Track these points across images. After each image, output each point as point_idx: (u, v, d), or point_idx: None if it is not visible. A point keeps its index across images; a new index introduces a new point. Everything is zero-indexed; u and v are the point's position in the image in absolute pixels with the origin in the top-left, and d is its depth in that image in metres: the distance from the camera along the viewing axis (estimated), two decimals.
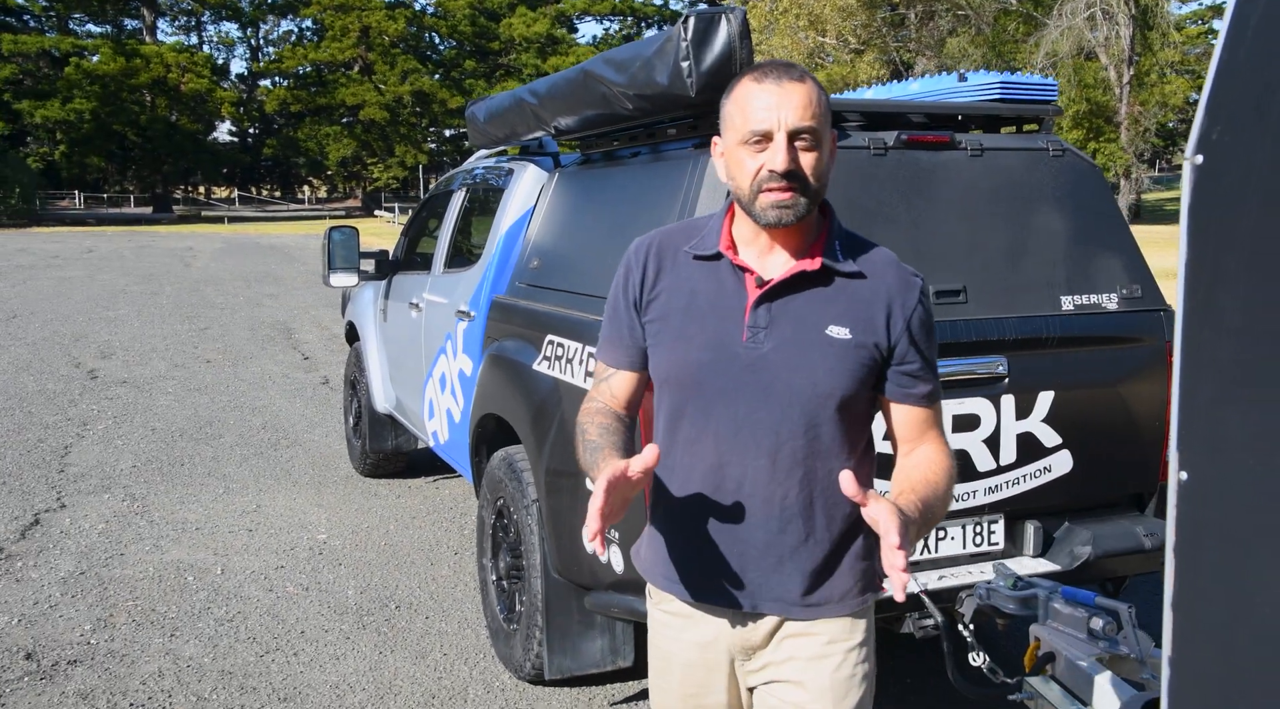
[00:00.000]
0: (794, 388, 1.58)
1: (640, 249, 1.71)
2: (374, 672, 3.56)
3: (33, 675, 3.49)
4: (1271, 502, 1.10)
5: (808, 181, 1.53)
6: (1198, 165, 1.16)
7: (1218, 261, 1.14)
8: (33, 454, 6.35)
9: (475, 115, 4.35)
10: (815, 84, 1.55)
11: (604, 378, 1.76)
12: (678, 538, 1.69)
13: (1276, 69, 1.07)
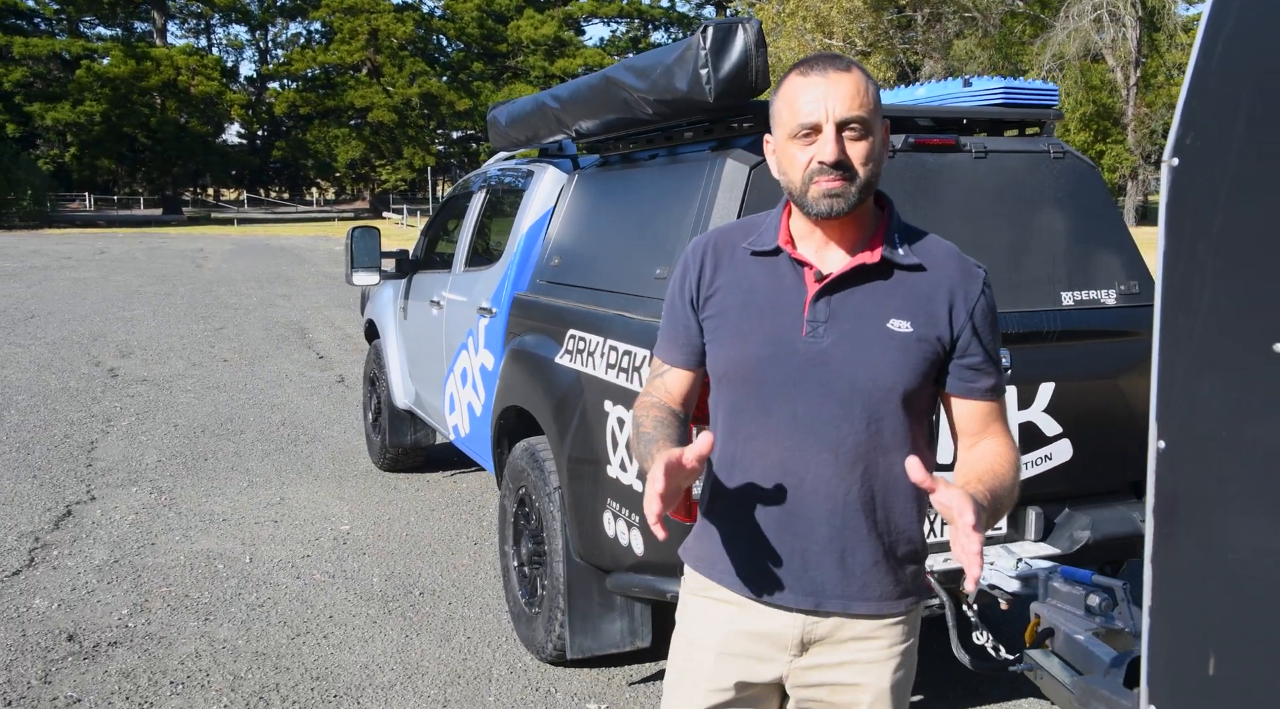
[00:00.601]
0: (855, 382, 1.57)
1: (698, 247, 1.72)
2: (401, 653, 3.71)
3: (76, 655, 3.64)
4: (1238, 465, 1.24)
5: (857, 171, 1.53)
6: (1174, 167, 1.30)
7: (1192, 253, 1.28)
8: (60, 449, 6.51)
9: (497, 119, 4.50)
10: (863, 73, 1.55)
11: (660, 374, 1.76)
12: (738, 533, 1.66)
13: (1241, 83, 1.21)
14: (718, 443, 1.66)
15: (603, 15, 59.50)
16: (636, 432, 1.67)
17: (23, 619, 3.94)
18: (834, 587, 1.61)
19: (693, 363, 1.72)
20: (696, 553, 1.75)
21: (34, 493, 5.56)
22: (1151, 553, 1.34)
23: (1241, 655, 1.23)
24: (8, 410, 7.59)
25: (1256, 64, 1.19)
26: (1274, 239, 1.18)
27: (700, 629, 1.72)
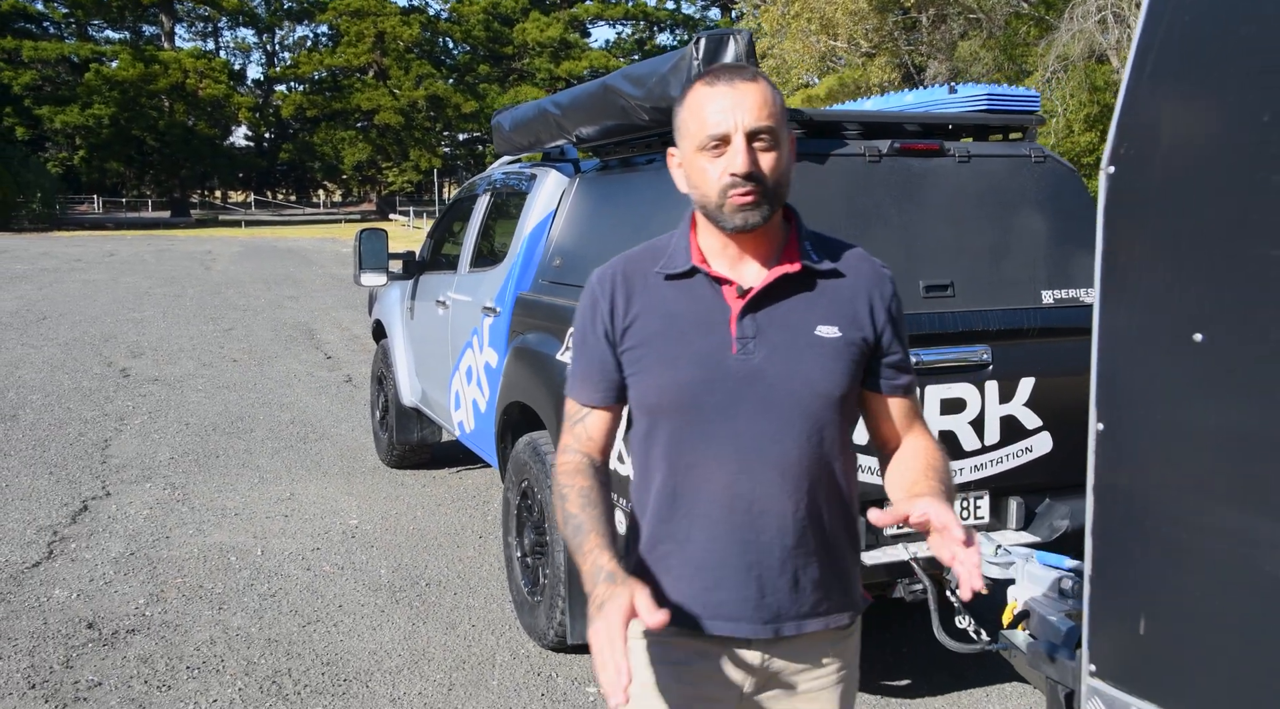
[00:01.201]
0: (793, 393, 1.55)
1: (604, 278, 1.65)
2: (408, 641, 3.84)
3: (95, 642, 3.79)
4: (1165, 446, 1.37)
5: (768, 183, 1.50)
6: (1110, 175, 1.43)
7: (1126, 251, 1.41)
8: (75, 447, 6.66)
9: (501, 124, 4.64)
10: (769, 84, 1.52)
11: (579, 419, 1.67)
12: (688, 568, 1.59)
13: (1165, 102, 1.34)
14: (653, 477, 1.61)
15: (608, 17, 59.64)
16: (562, 508, 1.59)
17: (44, 608, 4.09)
18: (789, 608, 1.58)
19: (611, 399, 1.64)
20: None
21: (51, 489, 5.71)
22: (1091, 526, 1.47)
23: (1167, 616, 1.36)
24: (23, 409, 7.75)
25: (1178, 86, 1.32)
26: (1194, 240, 1.31)
27: (659, 678, 1.62)
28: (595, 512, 1.56)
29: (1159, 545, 1.36)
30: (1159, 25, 1.33)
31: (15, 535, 4.94)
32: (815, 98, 31.62)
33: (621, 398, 1.65)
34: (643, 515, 1.64)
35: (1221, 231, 1.28)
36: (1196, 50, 1.30)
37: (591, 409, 1.66)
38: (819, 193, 3.06)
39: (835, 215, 3.05)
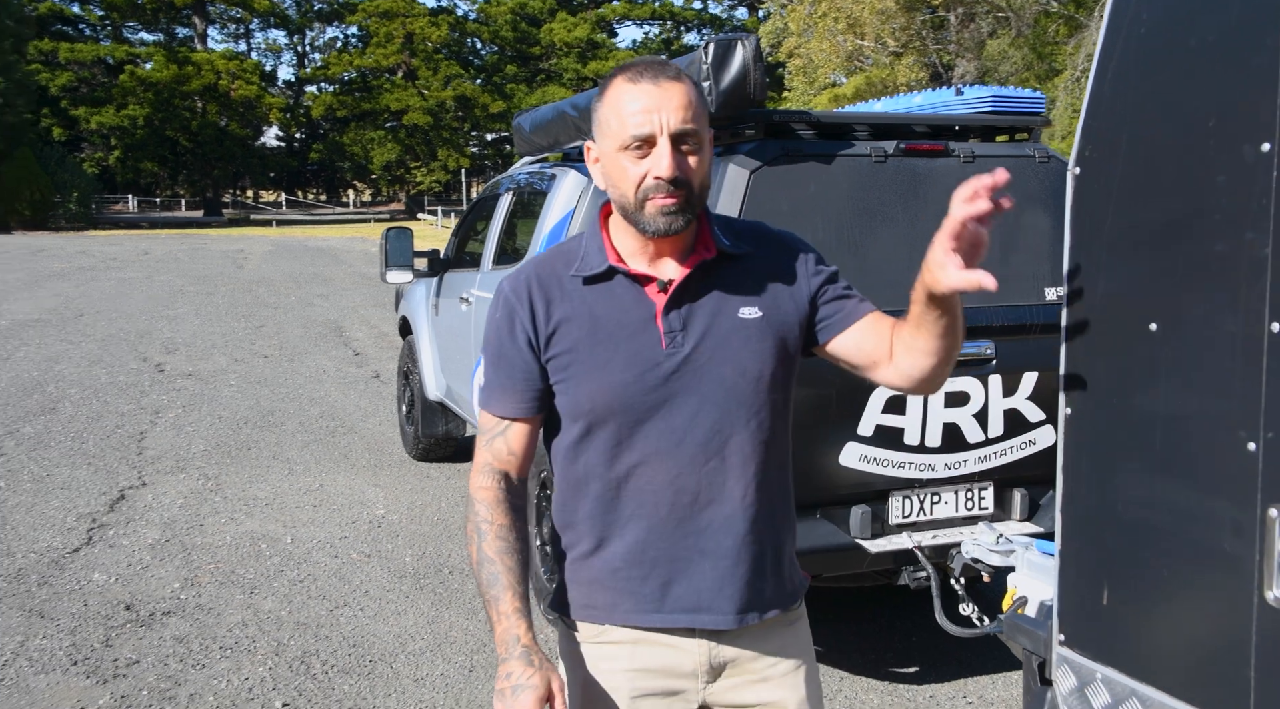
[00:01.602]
0: (725, 380, 1.54)
1: (519, 286, 1.59)
2: (431, 625, 3.98)
3: (134, 623, 3.95)
4: (1125, 428, 1.47)
5: (693, 186, 1.48)
6: (1076, 176, 1.53)
7: (1089, 249, 1.51)
8: (112, 438, 6.87)
9: (521, 126, 4.77)
10: (693, 83, 1.49)
11: (497, 433, 1.60)
12: (637, 569, 1.56)
13: (1125, 106, 1.44)
14: (588, 485, 1.57)
15: (635, 17, 59.78)
16: (479, 545, 1.55)
17: (84, 591, 4.26)
18: (748, 596, 1.57)
19: (534, 410, 1.58)
20: (585, 603, 1.61)
21: (89, 479, 5.91)
22: (1060, 504, 1.57)
23: (1126, 586, 1.46)
24: (62, 403, 7.98)
25: (1135, 94, 1.42)
26: (1148, 236, 1.41)
27: (604, 675, 1.60)
28: (512, 561, 1.53)
29: (1119, 522, 1.46)
30: (1117, 37, 1.44)
31: (56, 522, 5.13)
32: (842, 97, 31.57)
33: (543, 408, 1.59)
34: (574, 522, 1.60)
35: (1174, 228, 1.38)
36: (1150, 61, 1.40)
37: (513, 422, 1.59)
38: (827, 193, 3.16)
39: (842, 214, 3.16)
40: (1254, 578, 1.27)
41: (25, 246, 28.26)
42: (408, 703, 3.37)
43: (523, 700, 1.40)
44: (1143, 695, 1.43)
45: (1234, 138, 1.28)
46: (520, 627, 1.47)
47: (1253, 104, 1.26)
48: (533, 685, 1.41)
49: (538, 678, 1.42)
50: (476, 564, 1.54)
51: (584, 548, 1.59)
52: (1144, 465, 1.43)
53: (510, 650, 1.45)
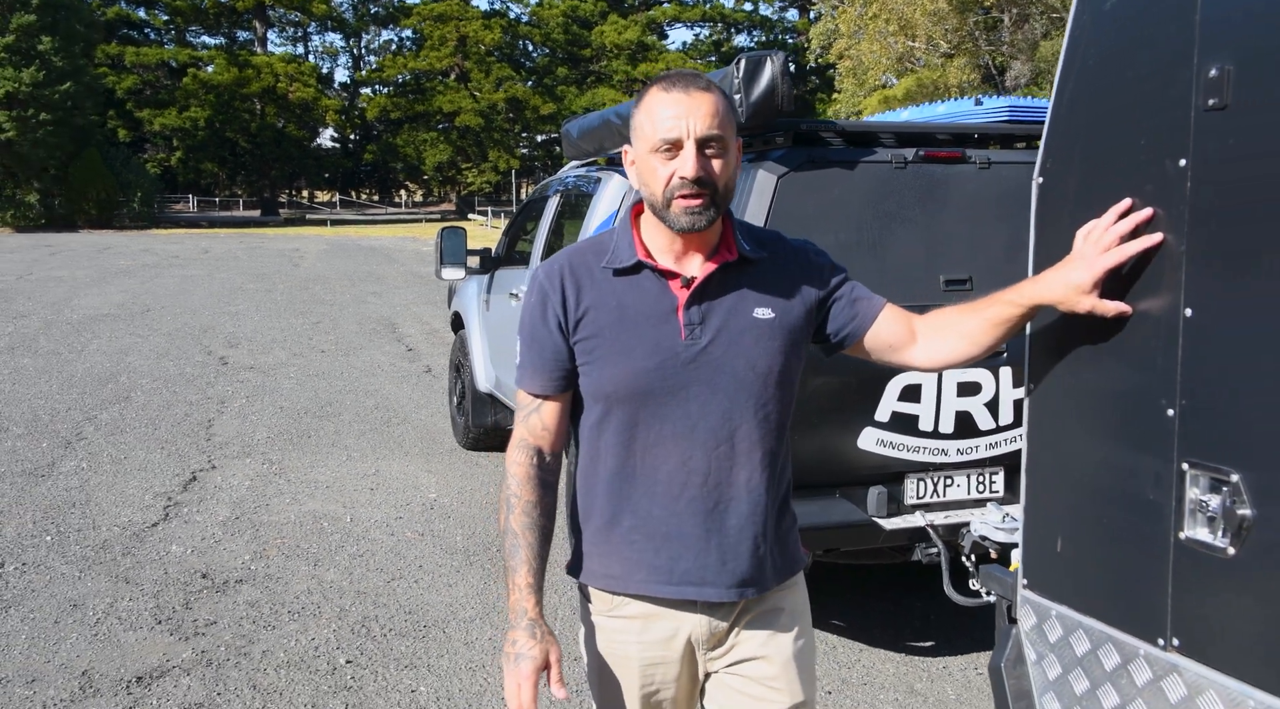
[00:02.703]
0: (737, 373, 1.66)
1: (553, 273, 1.73)
2: (480, 596, 4.29)
3: (209, 589, 4.31)
4: (1073, 401, 1.71)
5: (717, 188, 1.60)
6: (1039, 185, 1.78)
7: (1051, 248, 1.76)
8: (182, 426, 7.29)
9: (569, 132, 5.07)
10: (721, 94, 1.62)
11: (532, 409, 1.74)
12: (649, 542, 1.69)
13: (1078, 126, 1.69)
14: (604, 461, 1.70)
15: (685, 20, 60.03)
16: (506, 516, 1.70)
17: (164, 561, 4.63)
18: (749, 571, 1.69)
19: (563, 389, 1.72)
20: (603, 572, 1.74)
21: (163, 462, 6.32)
22: (1025, 466, 1.82)
23: (1074, 535, 1.71)
24: (135, 392, 8.44)
25: (1085, 115, 1.67)
26: None
27: (618, 646, 1.74)
28: (533, 537, 1.67)
29: (1070, 480, 1.71)
30: (1072, 69, 1.68)
31: (135, 500, 5.52)
32: (892, 99, 31.50)
33: (571, 387, 1.72)
34: (594, 496, 1.73)
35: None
36: (1097, 89, 1.65)
37: (545, 399, 1.73)
38: (849, 197, 3.41)
39: (863, 217, 3.40)
40: (1171, 521, 1.52)
41: (92, 244, 29.27)
42: (459, 663, 3.68)
43: (523, 669, 1.59)
44: (1087, 626, 1.68)
45: (1159, 154, 1.52)
46: (529, 601, 1.64)
47: (1173, 126, 1.50)
48: (532, 656, 1.59)
49: (538, 649, 1.60)
50: (501, 533, 1.70)
51: (601, 520, 1.72)
52: (1088, 431, 1.67)
53: (518, 621, 1.63)
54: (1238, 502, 1.41)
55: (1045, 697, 1.76)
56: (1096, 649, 1.65)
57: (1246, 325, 1.41)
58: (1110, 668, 1.63)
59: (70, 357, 10.10)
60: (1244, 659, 1.41)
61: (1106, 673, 1.63)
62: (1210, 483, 1.45)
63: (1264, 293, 1.38)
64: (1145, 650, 1.56)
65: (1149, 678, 1.56)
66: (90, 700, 3.34)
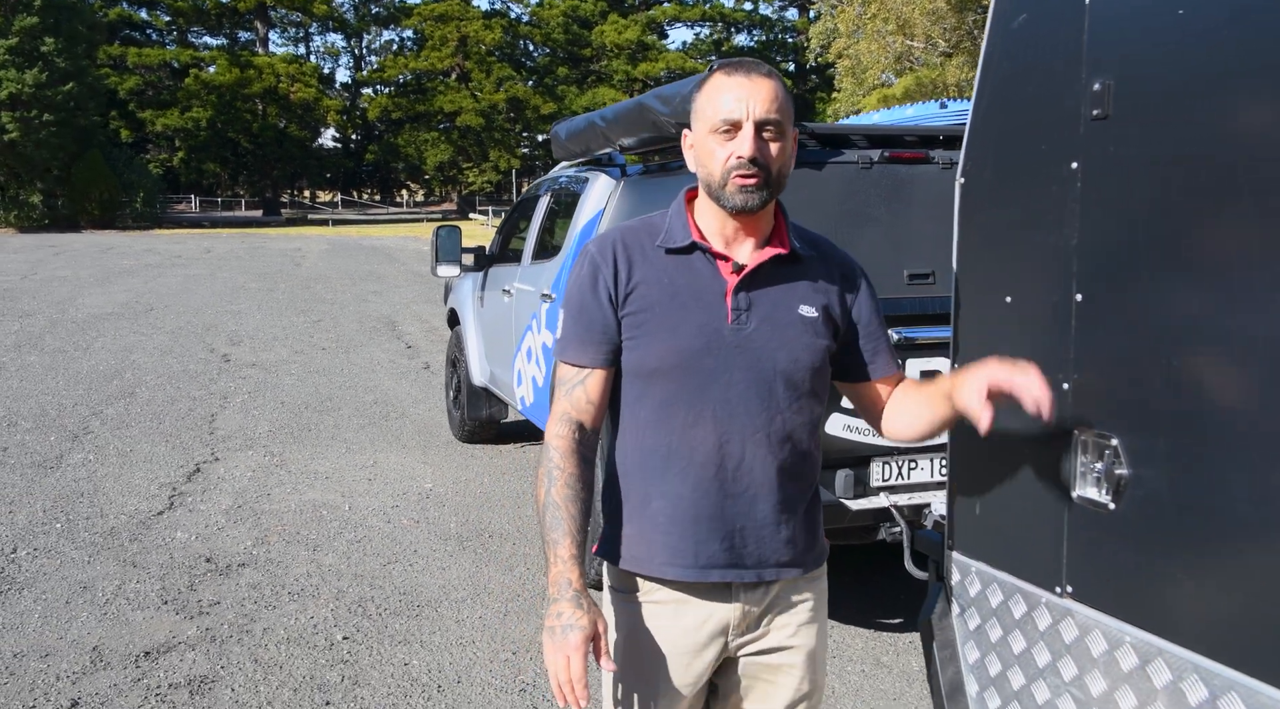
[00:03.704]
0: (778, 364, 1.68)
1: (605, 247, 1.74)
2: (472, 579, 4.48)
3: (213, 572, 4.51)
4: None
5: (771, 170, 1.62)
6: (962, 184, 1.97)
7: (970, 240, 1.95)
8: (186, 419, 7.49)
9: (558, 134, 5.26)
10: (780, 82, 1.64)
11: (577, 382, 1.73)
12: (678, 523, 1.69)
13: (990, 136, 1.88)
14: (642, 437, 1.71)
15: (685, 19, 60.24)
16: (548, 489, 1.67)
17: (169, 546, 4.83)
18: (770, 556, 1.71)
19: (610, 361, 1.72)
20: (630, 554, 1.74)
21: (168, 454, 6.52)
22: (950, 439, 2.02)
23: (989, 498, 1.90)
24: (140, 388, 8.65)
25: (997, 126, 1.86)
26: (1006, 230, 1.85)
27: (652, 631, 1.73)
28: (575, 509, 1.65)
29: (987, 450, 1.90)
30: (986, 85, 1.87)
31: (141, 490, 5.72)
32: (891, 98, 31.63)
33: (616, 361, 1.72)
34: (627, 474, 1.74)
35: (1021, 224, 1.82)
36: (1005, 103, 1.84)
37: (592, 370, 1.72)
38: (818, 195, 3.60)
39: (832, 213, 3.60)
40: (1069, 482, 1.71)
41: (95, 245, 29.49)
42: (450, 639, 3.87)
43: (572, 639, 1.55)
44: (1000, 580, 1.87)
45: (1056, 158, 1.72)
46: (574, 571, 1.60)
47: (1066, 133, 1.69)
48: (581, 626, 1.56)
49: (585, 619, 1.56)
50: (543, 507, 1.66)
51: (634, 499, 1.72)
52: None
53: (562, 592, 1.59)
54: (1116, 463, 1.60)
55: (966, 645, 1.96)
56: (1008, 600, 1.85)
57: (1126, 309, 1.60)
58: (1018, 616, 1.82)
59: (76, 354, 10.30)
60: (1122, 601, 1.60)
61: (1015, 621, 1.83)
62: (1096, 448, 1.65)
63: (1140, 280, 1.57)
64: (1046, 598, 1.76)
65: (1049, 622, 1.75)
66: (101, 673, 3.54)
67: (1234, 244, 1.43)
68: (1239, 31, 1.41)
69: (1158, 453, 1.55)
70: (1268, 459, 1.38)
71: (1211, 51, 1.45)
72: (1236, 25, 1.41)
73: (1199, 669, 1.48)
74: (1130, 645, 1.59)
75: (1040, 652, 1.78)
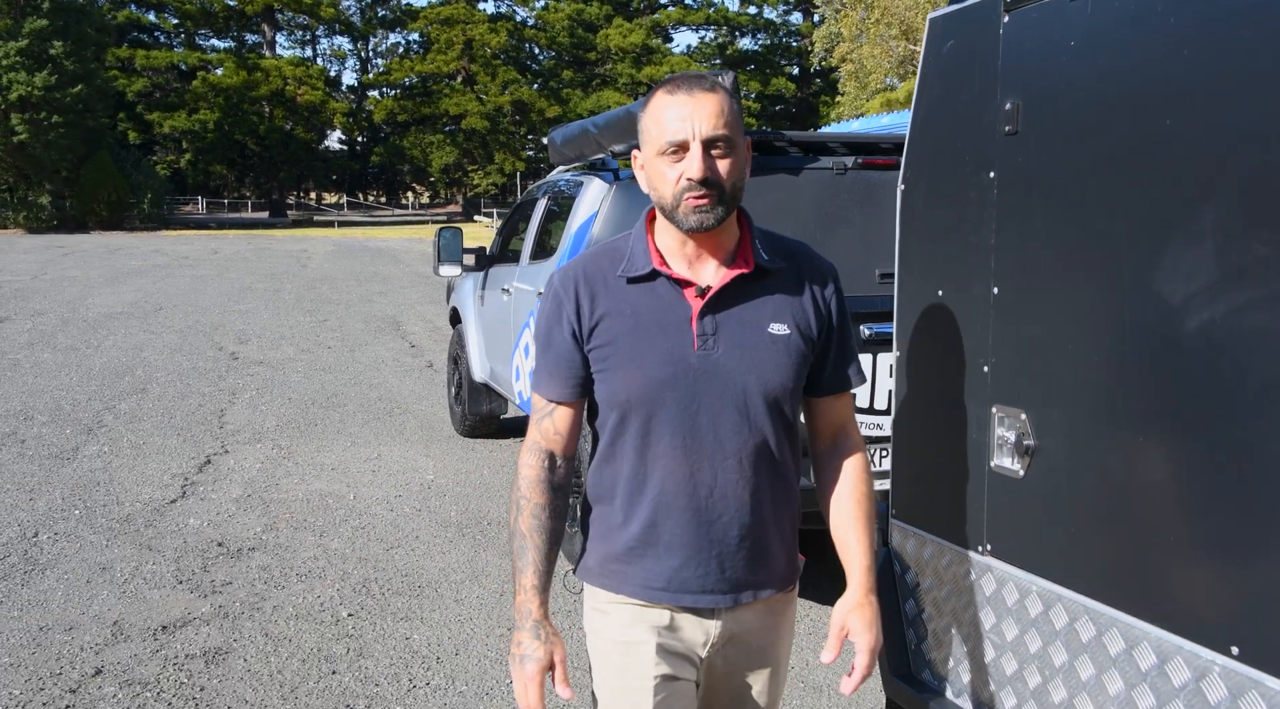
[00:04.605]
0: (747, 388, 1.65)
1: (567, 280, 1.71)
2: (470, 562, 4.72)
3: (225, 555, 4.75)
4: (924, 361, 2.13)
5: (724, 187, 1.58)
6: (902, 190, 2.21)
7: (909, 240, 2.18)
8: (196, 414, 7.74)
9: (554, 140, 5.50)
10: (726, 94, 1.60)
11: (546, 413, 1.74)
12: (653, 548, 1.69)
13: (926, 148, 2.12)
14: (621, 465, 1.70)
15: (690, 23, 60.53)
16: (516, 518, 1.70)
17: (183, 531, 5.07)
18: (746, 578, 1.71)
19: (577, 395, 1.73)
20: (607, 578, 1.74)
21: (180, 446, 6.77)
22: (894, 421, 2.25)
23: (924, 470, 2.13)
24: (151, 384, 8.90)
25: (931, 140, 2.10)
26: (940, 232, 2.09)
27: (624, 653, 1.73)
28: (540, 540, 1.68)
29: (922, 426, 2.14)
30: (921, 103, 2.11)
31: (155, 479, 5.97)
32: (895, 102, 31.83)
33: (585, 393, 1.72)
34: (607, 498, 1.73)
35: (951, 226, 2.05)
36: (936, 120, 2.08)
37: (558, 405, 1.73)
38: (794, 199, 3.83)
39: (806, 218, 3.83)
40: (988, 454, 1.94)
41: (103, 246, 29.81)
42: (449, 617, 4.11)
43: (528, 670, 1.63)
44: (935, 542, 2.10)
45: (977, 168, 1.95)
46: (535, 602, 1.65)
47: (984, 147, 1.92)
48: (537, 657, 1.63)
49: (542, 650, 1.63)
50: (510, 534, 1.71)
51: (611, 523, 1.72)
52: (932, 386, 2.10)
53: (523, 622, 1.65)
54: (1025, 435, 1.83)
55: (907, 602, 2.19)
56: (939, 560, 2.08)
57: (1032, 300, 1.83)
58: (950, 575, 2.05)
59: (88, 352, 10.57)
60: (1028, 553, 1.83)
61: (945, 578, 2.06)
62: (1010, 421, 1.88)
63: (1044, 275, 1.80)
64: (971, 556, 1.99)
65: (974, 578, 1.98)
66: (122, 645, 3.78)
67: (1121, 244, 1.67)
68: (1117, 62, 1.64)
69: (1060, 426, 1.78)
70: (1149, 431, 1.61)
71: (1101, 79, 1.68)
72: (1114, 57, 1.64)
73: (1089, 611, 1.71)
74: (1037, 594, 1.82)
75: (968, 605, 2.01)
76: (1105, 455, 1.68)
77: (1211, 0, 1.48)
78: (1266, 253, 1.42)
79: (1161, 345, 1.57)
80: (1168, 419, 1.57)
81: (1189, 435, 1.54)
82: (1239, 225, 1.46)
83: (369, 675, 3.58)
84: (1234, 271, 1.47)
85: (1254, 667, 1.45)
